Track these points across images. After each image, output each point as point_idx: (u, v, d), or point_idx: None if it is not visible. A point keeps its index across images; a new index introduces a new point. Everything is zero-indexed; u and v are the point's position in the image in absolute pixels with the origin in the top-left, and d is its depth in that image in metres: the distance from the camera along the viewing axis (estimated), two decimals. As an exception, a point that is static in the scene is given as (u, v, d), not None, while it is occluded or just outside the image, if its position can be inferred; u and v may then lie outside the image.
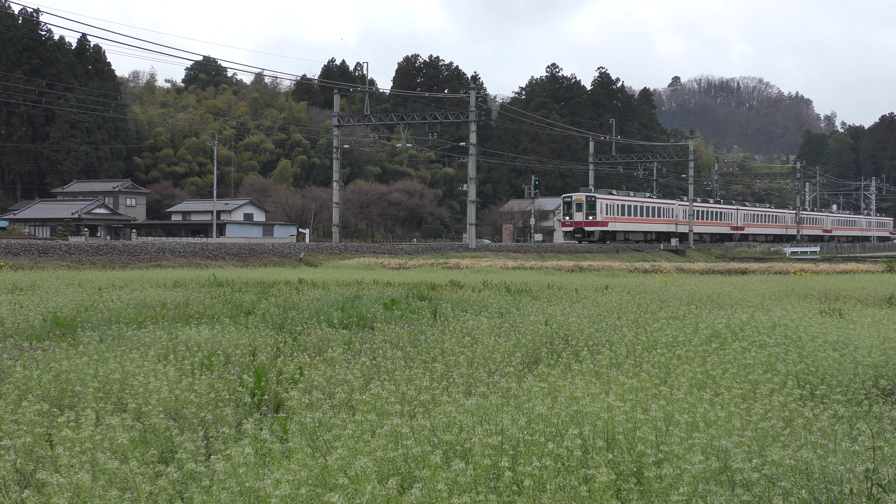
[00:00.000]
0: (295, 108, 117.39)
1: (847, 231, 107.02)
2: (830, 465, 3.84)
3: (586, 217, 62.10)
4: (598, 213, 61.90)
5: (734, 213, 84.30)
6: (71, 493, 3.67)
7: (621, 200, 65.89)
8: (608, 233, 63.72)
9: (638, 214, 67.87)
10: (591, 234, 61.81)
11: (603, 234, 63.04)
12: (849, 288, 16.61)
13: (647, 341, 8.17)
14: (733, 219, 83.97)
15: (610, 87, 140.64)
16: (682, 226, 73.09)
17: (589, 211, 62.08)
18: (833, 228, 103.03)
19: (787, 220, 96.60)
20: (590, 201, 62.34)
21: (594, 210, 61.96)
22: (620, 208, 65.29)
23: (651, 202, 70.56)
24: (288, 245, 41.27)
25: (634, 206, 67.62)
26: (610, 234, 64.25)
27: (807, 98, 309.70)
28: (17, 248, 29.81)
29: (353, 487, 3.61)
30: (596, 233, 61.86)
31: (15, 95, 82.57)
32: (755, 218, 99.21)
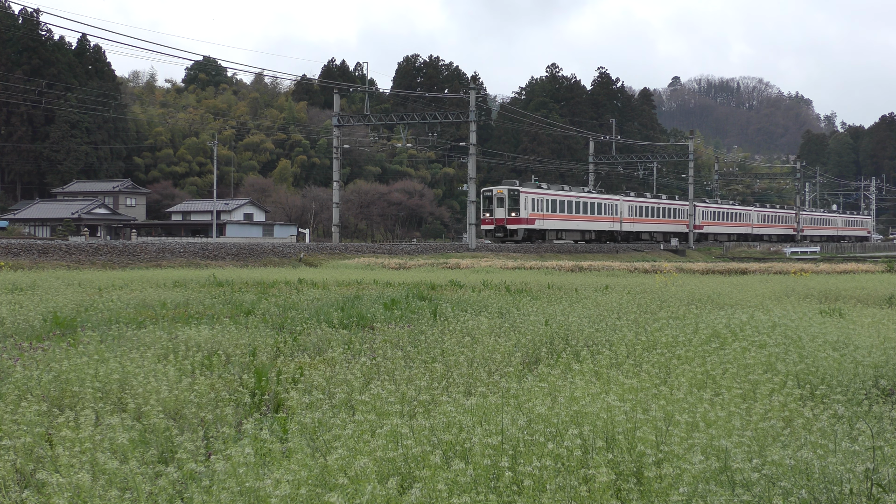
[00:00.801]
0: (295, 108, 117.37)
1: (819, 230, 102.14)
2: (830, 465, 3.84)
3: (509, 213, 54.97)
4: (521, 210, 54.92)
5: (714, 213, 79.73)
6: (71, 493, 3.67)
7: (552, 195, 59.03)
8: (535, 231, 57.12)
9: (572, 211, 60.96)
10: (514, 232, 54.87)
11: (528, 232, 56.32)
12: (849, 288, 16.61)
13: (647, 341, 8.17)
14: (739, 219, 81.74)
15: (610, 87, 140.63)
16: (627, 223, 66.92)
17: (512, 206, 54.94)
18: (805, 228, 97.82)
19: (789, 220, 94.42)
20: (513, 196, 55.19)
21: (517, 206, 54.89)
22: (551, 204, 58.53)
23: (588, 197, 63.23)
24: (288, 245, 41.26)
25: (568, 201, 60.70)
26: (538, 234, 57.53)
27: (807, 98, 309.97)
28: (17, 248, 29.81)
29: (352, 487, 3.61)
30: (520, 231, 55.06)
31: (15, 95, 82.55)
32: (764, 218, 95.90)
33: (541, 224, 57.38)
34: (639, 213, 70.57)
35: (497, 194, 55.84)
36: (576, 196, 62.36)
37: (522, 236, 55.19)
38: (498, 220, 55.51)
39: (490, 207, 56.17)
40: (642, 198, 72.34)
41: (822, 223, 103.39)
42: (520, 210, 55.09)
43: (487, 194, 56.75)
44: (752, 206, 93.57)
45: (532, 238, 56.45)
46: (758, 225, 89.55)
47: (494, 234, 55.83)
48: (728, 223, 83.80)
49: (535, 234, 57.06)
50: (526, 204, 55.60)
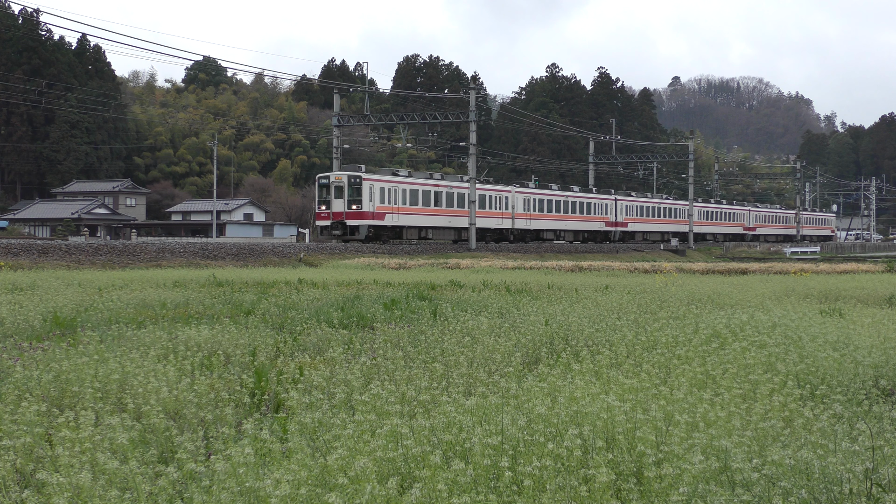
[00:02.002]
0: (295, 108, 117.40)
1: (773, 229, 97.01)
2: (830, 465, 3.84)
3: (349, 206, 45.16)
4: (365, 202, 45.21)
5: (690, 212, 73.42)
6: (71, 493, 3.67)
7: (407, 184, 48.82)
8: (387, 229, 47.47)
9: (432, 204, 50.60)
10: (355, 230, 45.33)
11: (376, 230, 46.68)
12: (849, 288, 16.61)
13: (647, 341, 8.16)
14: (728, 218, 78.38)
15: (610, 87, 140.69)
16: (520, 220, 57.59)
17: (353, 198, 45.20)
18: (757, 226, 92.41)
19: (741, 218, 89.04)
20: (354, 184, 45.33)
21: (360, 197, 45.16)
22: (408, 195, 48.56)
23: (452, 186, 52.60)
24: (288, 245, 41.26)
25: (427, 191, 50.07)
26: (390, 231, 47.81)
27: (807, 98, 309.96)
28: (17, 248, 29.80)
29: (352, 487, 3.61)
30: (362, 228, 45.42)
31: (15, 95, 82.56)
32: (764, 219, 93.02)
33: (394, 220, 47.44)
34: (539, 209, 59.99)
35: (335, 182, 45.82)
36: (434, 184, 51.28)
37: (366, 234, 45.58)
38: (335, 214, 45.46)
39: (326, 198, 45.91)
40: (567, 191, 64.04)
41: (775, 221, 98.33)
42: (362, 202, 45.15)
43: (323, 182, 46.57)
44: (706, 203, 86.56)
45: (382, 237, 47.08)
46: (719, 223, 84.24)
47: (331, 231, 45.89)
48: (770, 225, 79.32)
49: (386, 233, 47.44)
50: (372, 195, 45.81)
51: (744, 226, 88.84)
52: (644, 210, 73.42)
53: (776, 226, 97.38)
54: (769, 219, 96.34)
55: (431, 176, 52.95)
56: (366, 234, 45.34)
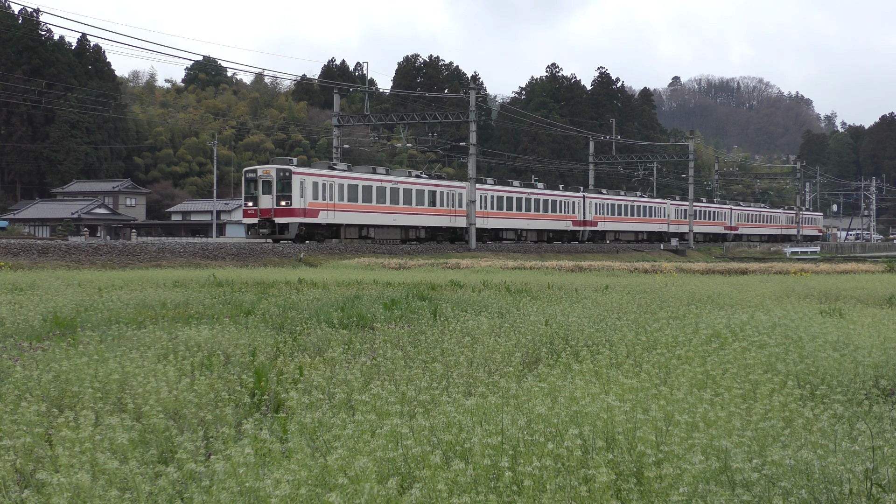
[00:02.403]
0: (295, 107, 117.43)
1: (758, 228, 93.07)
2: (830, 465, 3.84)
3: (277, 203, 41.21)
4: (295, 198, 41.16)
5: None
6: (71, 493, 3.67)
7: (345, 179, 44.46)
8: (320, 228, 43.28)
9: (375, 200, 46.20)
10: (284, 228, 41.23)
11: (308, 229, 42.53)
12: (849, 288, 16.61)
13: (647, 341, 8.16)
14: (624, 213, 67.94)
15: (610, 87, 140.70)
16: (461, 217, 52.51)
17: (282, 193, 41.18)
18: (739, 225, 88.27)
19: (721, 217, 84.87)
20: (283, 179, 41.22)
21: (289, 192, 41.04)
22: (347, 191, 44.19)
23: (398, 181, 48.29)
24: (288, 245, 41.25)
25: (369, 187, 45.87)
26: (325, 230, 43.70)
27: (807, 98, 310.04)
28: (17, 248, 29.81)
29: (352, 487, 3.61)
30: (291, 227, 41.26)
31: (15, 95, 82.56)
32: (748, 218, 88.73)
33: (329, 217, 43.23)
34: (497, 206, 55.73)
35: (263, 176, 41.60)
36: (391, 181, 47.69)
37: (297, 233, 41.64)
38: (263, 212, 41.32)
39: (253, 194, 41.85)
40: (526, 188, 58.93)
41: (759, 220, 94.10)
42: (292, 198, 41.17)
43: (250, 176, 42.30)
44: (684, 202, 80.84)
45: (316, 236, 43.08)
46: (697, 222, 79.24)
47: (258, 229, 41.78)
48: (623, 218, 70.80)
49: (320, 232, 43.40)
50: (303, 190, 41.62)
51: (725, 225, 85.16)
52: (616, 208, 68.51)
53: (760, 225, 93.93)
54: (753, 218, 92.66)
55: (374, 170, 48.21)
56: (296, 233, 41.44)
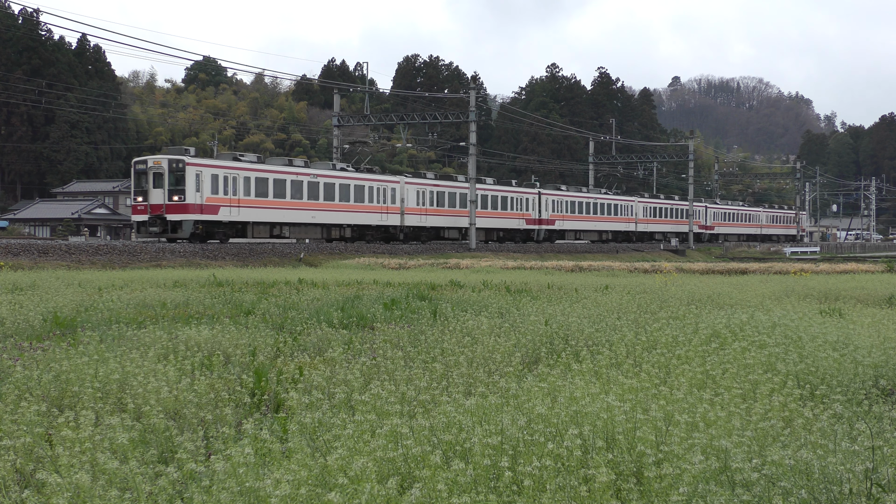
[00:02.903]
0: (295, 107, 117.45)
1: (736, 228, 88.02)
2: (830, 465, 3.84)
3: (169, 198, 36.72)
4: (190, 192, 36.60)
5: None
6: (71, 493, 3.67)
7: (253, 171, 40.03)
8: (221, 225, 38.95)
9: (289, 196, 41.92)
10: (177, 226, 37.02)
11: (206, 227, 38.31)
12: (849, 288, 16.62)
13: (646, 341, 8.17)
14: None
15: (610, 87, 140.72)
16: (413, 215, 48.97)
17: (175, 187, 36.65)
18: (716, 224, 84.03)
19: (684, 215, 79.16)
20: (176, 170, 36.72)
21: (183, 186, 36.58)
22: (255, 185, 39.94)
23: (318, 175, 43.72)
24: (288, 245, 41.27)
25: (282, 181, 41.46)
26: (228, 228, 39.44)
27: (807, 98, 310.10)
28: (17, 248, 29.81)
29: (352, 487, 3.61)
30: (185, 224, 37.01)
31: (15, 95, 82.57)
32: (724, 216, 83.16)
33: (232, 214, 38.95)
34: (437, 203, 51.53)
35: (153, 168, 37.17)
36: (310, 174, 43.18)
37: (192, 231, 37.47)
38: (154, 207, 37.05)
39: (144, 188, 37.46)
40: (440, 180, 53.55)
41: (740, 219, 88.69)
42: (186, 191, 36.74)
43: (140, 168, 37.79)
44: (655, 199, 76.34)
45: (216, 235, 38.89)
46: (668, 221, 75.71)
47: (148, 227, 37.45)
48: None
49: (221, 230, 39.08)
50: (200, 183, 37.27)
51: (700, 224, 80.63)
52: (576, 206, 63.67)
53: (739, 224, 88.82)
54: (731, 216, 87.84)
55: (291, 162, 43.89)
56: (191, 231, 37.30)
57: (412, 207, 49.25)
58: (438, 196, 51.52)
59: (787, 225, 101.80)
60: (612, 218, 68.31)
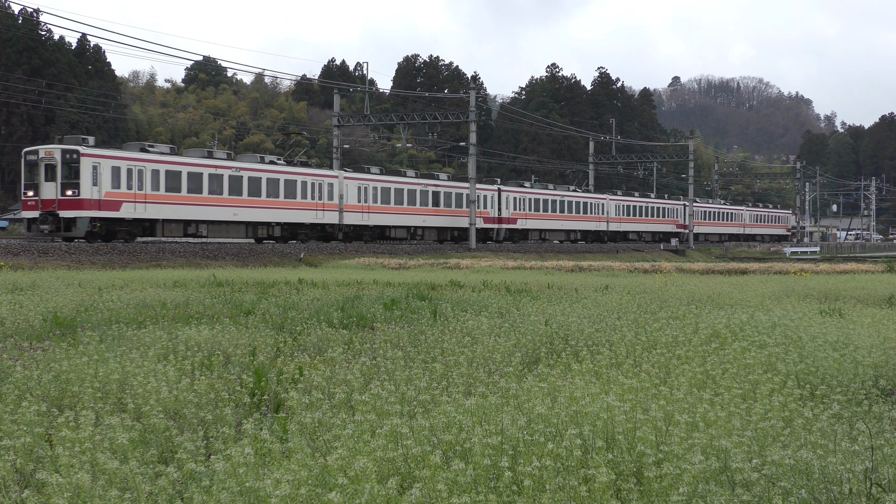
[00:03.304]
0: (295, 108, 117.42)
1: (716, 227, 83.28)
2: (830, 465, 3.84)
3: (63, 192, 33.60)
4: (85, 186, 33.64)
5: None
6: (71, 493, 3.67)
7: (163, 163, 36.50)
8: (124, 223, 35.65)
9: (206, 191, 38.29)
10: (70, 223, 33.78)
11: (106, 225, 35.05)
12: (849, 288, 16.62)
13: (646, 341, 8.17)
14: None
15: (610, 87, 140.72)
16: (353, 213, 45.41)
17: (69, 180, 33.59)
18: (694, 223, 78.91)
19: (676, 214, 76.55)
20: (70, 162, 33.64)
21: (77, 179, 33.54)
22: (166, 179, 36.45)
23: (241, 168, 40.00)
24: (288, 245, 41.28)
25: (198, 174, 37.90)
26: (132, 226, 36.11)
27: (807, 98, 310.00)
28: (17, 248, 29.81)
29: (352, 487, 3.61)
30: (80, 222, 33.74)
31: (15, 95, 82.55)
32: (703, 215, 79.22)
33: (136, 211, 35.48)
34: (382, 200, 47.62)
35: (45, 159, 33.86)
36: (232, 167, 39.45)
37: (88, 230, 34.13)
38: (45, 203, 33.72)
39: (34, 181, 34.08)
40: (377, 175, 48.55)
41: (721, 218, 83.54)
42: (80, 185, 33.53)
43: (31, 158, 34.51)
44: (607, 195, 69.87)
45: (119, 234, 35.54)
46: (642, 220, 71.47)
47: (39, 224, 34.04)
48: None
49: (124, 228, 35.66)
50: (98, 176, 33.99)
51: (677, 223, 77.10)
52: (541, 204, 59.46)
53: (720, 224, 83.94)
54: (711, 215, 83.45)
55: (211, 154, 40.11)
56: (87, 230, 33.96)
57: (352, 205, 45.52)
58: (384, 192, 47.58)
59: (773, 224, 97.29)
60: (581, 217, 64.16)
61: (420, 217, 49.98)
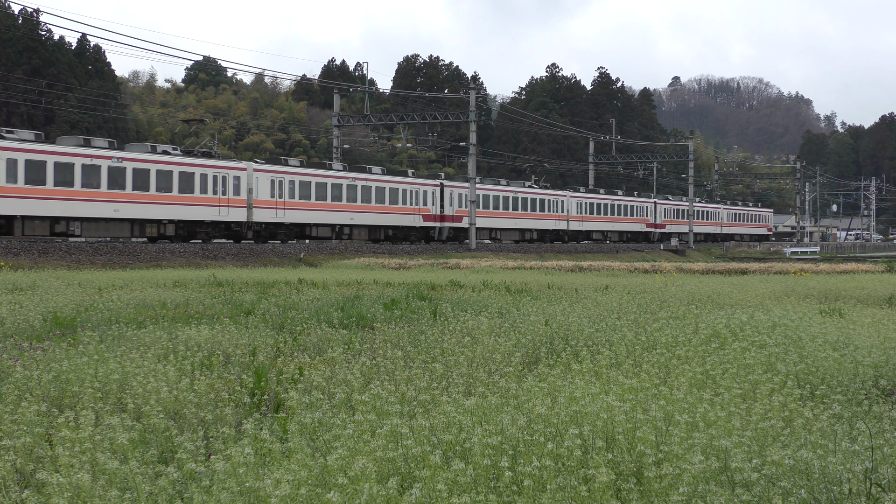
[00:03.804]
0: (295, 108, 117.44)
1: (682, 226, 75.84)
2: (830, 464, 3.84)
3: None
4: None
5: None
6: (71, 493, 3.67)
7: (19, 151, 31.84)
8: None
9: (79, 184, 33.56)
10: None
11: None
12: (849, 288, 16.61)
13: (646, 341, 8.17)
14: None
15: (610, 87, 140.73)
16: (264, 210, 40.67)
17: None
18: (666, 223, 74.31)
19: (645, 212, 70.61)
20: None
21: None
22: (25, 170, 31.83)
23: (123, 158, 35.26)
24: (288, 245, 41.28)
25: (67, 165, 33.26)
26: None
27: (807, 98, 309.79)
28: (17, 248, 29.80)
29: (352, 487, 3.61)
30: None
31: (15, 95, 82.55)
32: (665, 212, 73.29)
33: None
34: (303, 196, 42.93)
35: None
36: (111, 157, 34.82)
37: None
38: None
39: None
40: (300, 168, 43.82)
41: (694, 217, 75.46)
42: None
43: None
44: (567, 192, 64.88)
45: None
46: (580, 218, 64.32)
47: None
48: None
49: None
50: None
51: (647, 222, 71.97)
52: (490, 201, 55.37)
53: (695, 223, 76.34)
54: (683, 214, 76.43)
55: (88, 142, 35.04)
56: None
57: (264, 200, 41.00)
58: (302, 186, 42.92)
59: (753, 224, 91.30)
60: (538, 215, 59.19)
61: (347, 214, 45.07)
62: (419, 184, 49.99)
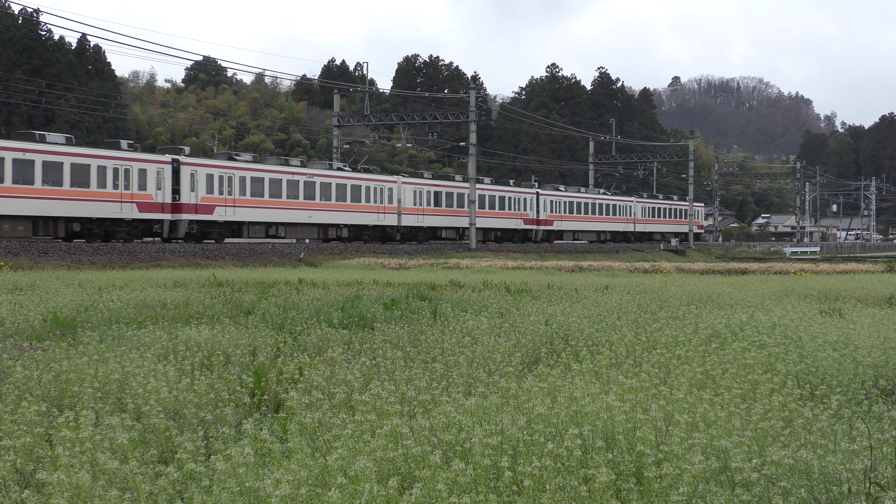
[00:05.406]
0: (295, 108, 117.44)
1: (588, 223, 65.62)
2: (830, 464, 3.84)
3: None
4: None
5: None
6: (71, 493, 3.67)
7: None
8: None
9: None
10: None
11: None
12: (849, 288, 16.61)
13: (646, 341, 8.17)
14: None
15: (610, 87, 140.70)
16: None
17: None
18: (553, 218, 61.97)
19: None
20: None
21: None
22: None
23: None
24: (288, 245, 41.27)
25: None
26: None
27: (807, 98, 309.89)
28: (17, 248, 29.80)
29: (352, 487, 3.61)
30: None
31: (15, 95, 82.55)
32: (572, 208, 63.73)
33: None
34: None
35: None
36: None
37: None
38: None
39: None
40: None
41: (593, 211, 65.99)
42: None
43: None
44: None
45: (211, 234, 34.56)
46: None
47: None
48: None
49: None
50: None
51: (525, 217, 59.95)
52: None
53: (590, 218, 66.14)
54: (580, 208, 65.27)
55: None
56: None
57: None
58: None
59: (674, 220, 78.76)
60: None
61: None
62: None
